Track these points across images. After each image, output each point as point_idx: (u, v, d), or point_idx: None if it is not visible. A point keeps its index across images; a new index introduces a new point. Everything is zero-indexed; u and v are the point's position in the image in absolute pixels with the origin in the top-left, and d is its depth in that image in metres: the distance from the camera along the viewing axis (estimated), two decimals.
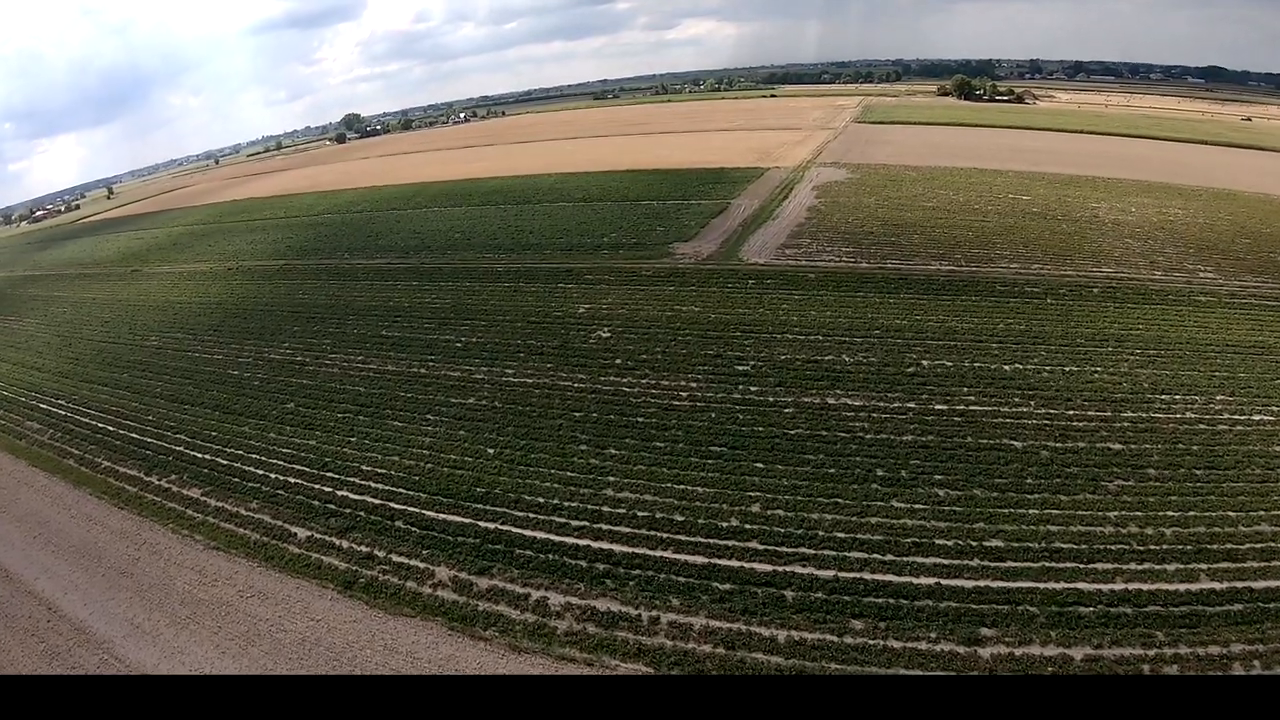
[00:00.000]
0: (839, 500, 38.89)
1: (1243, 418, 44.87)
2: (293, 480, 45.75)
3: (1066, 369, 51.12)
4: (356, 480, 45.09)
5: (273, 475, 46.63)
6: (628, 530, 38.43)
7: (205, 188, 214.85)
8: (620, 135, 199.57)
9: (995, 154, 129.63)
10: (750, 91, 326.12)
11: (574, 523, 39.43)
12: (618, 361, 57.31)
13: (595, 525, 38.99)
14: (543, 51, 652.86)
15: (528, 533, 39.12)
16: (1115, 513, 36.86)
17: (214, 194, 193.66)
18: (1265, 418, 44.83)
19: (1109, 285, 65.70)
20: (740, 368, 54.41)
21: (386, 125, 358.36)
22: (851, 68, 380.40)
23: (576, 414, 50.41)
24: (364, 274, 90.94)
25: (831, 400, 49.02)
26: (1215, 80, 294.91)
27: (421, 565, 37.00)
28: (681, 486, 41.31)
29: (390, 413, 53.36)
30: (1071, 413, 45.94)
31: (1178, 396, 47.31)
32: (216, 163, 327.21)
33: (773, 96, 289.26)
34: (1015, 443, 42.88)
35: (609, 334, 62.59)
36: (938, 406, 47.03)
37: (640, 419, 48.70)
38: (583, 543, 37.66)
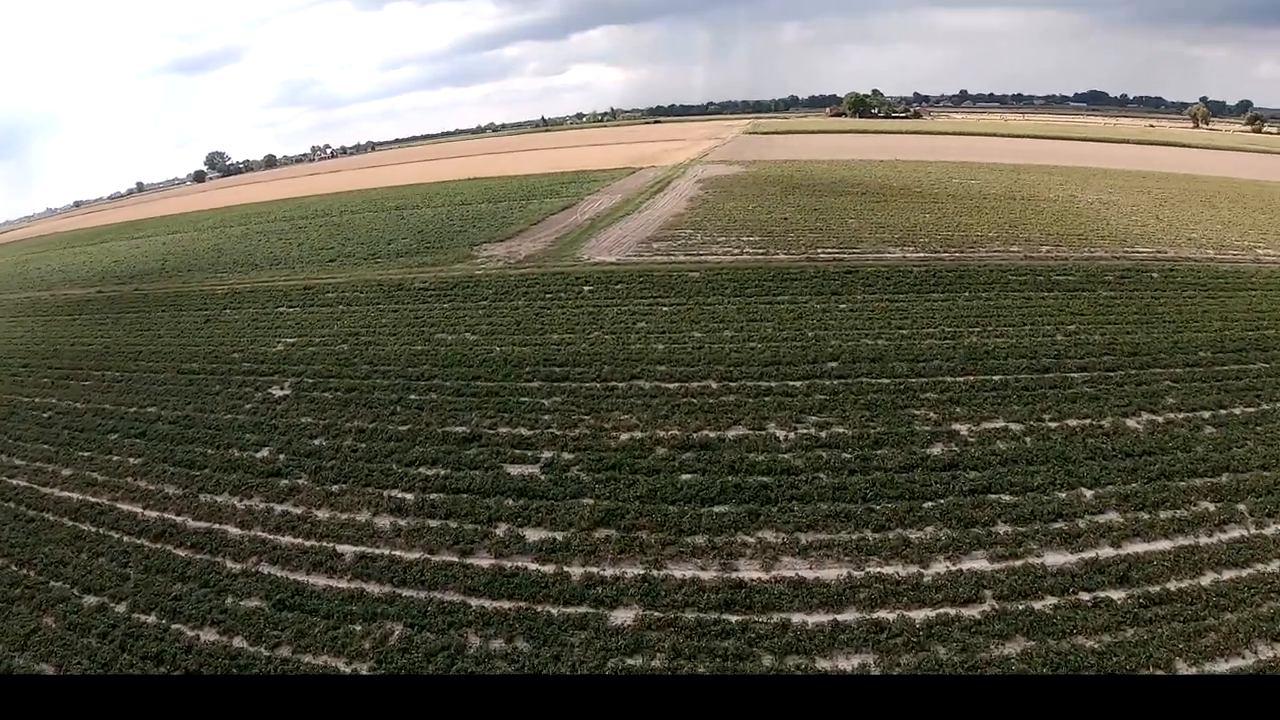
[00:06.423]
0: None
1: None
2: None
3: (1230, 411, 22.91)
4: None
5: None
6: None
7: (37, 229, 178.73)
8: (480, 155, 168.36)
9: (914, 150, 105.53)
10: (635, 122, 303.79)
11: None
12: (261, 454, 25.10)
13: None
14: (432, 99, 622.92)
15: None
16: None
17: (31, 231, 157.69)
18: None
19: (1167, 268, 39.24)
20: (516, 470, 22.38)
21: (250, 164, 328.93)
22: (739, 105, 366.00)
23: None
24: (51, 307, 57.61)
25: (751, 573, 17.98)
26: (1096, 104, 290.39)
27: None
28: None
29: None
30: None
31: None
32: (77, 206, 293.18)
33: (657, 123, 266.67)
34: None
35: (287, 390, 30.43)
36: (1045, 558, 16.89)
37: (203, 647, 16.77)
38: None
